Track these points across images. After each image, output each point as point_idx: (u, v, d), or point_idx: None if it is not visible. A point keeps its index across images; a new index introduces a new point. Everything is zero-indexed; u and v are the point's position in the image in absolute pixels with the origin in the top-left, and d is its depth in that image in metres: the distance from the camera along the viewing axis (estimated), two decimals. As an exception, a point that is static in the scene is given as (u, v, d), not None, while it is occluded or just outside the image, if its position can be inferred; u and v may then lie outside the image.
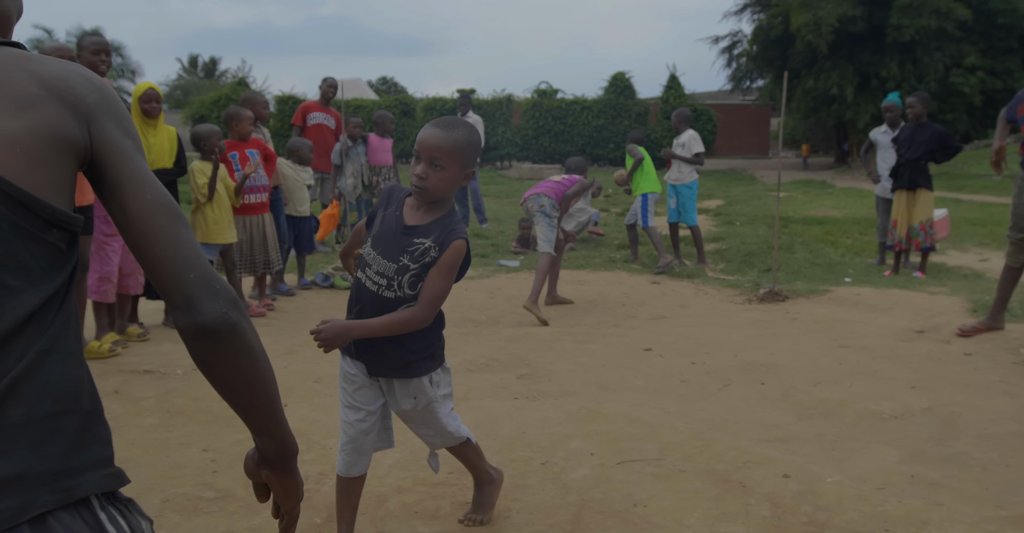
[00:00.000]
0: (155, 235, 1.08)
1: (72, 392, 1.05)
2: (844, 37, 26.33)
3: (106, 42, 5.34)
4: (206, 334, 1.10)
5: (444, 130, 2.46)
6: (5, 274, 0.97)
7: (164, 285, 1.09)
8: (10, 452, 0.96)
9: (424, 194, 2.48)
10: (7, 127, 0.97)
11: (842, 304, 6.47)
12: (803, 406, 4.15)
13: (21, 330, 0.99)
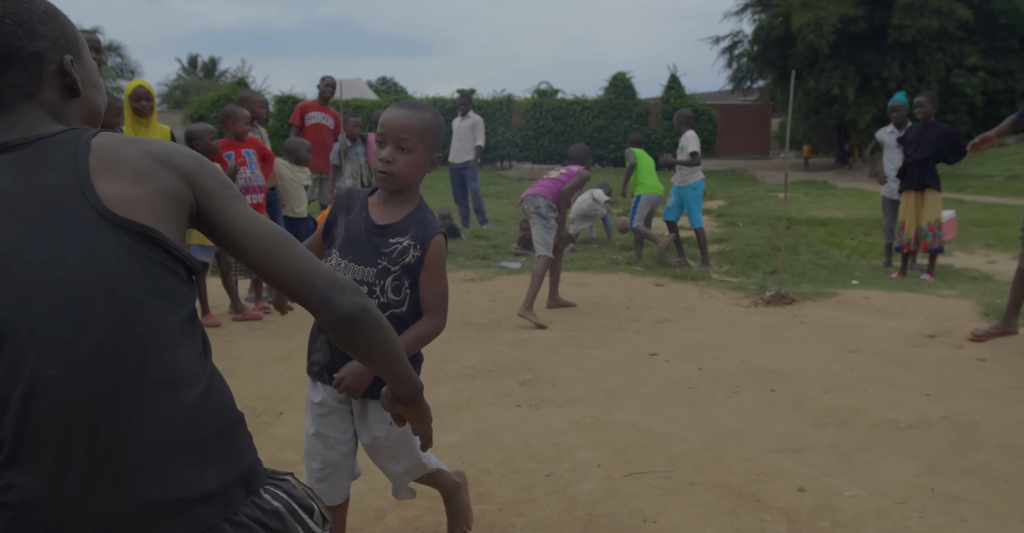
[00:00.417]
0: (276, 262, 1.31)
1: (232, 403, 1.28)
2: (845, 37, 26.23)
3: (97, 39, 5.22)
4: (347, 323, 1.32)
5: (410, 110, 2.28)
6: (154, 298, 1.19)
7: (302, 297, 1.32)
8: (211, 460, 1.19)
9: (391, 180, 2.28)
10: (137, 192, 1.22)
11: (850, 307, 6.34)
12: (815, 414, 4.02)
13: (185, 346, 1.22)
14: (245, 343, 5.43)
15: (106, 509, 1.10)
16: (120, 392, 1.14)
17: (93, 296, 1.15)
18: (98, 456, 1.11)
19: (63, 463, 1.10)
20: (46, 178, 1.19)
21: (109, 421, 1.12)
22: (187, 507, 1.14)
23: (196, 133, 5.85)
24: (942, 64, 25.57)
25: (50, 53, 1.30)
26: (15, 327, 1.12)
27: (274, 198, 6.72)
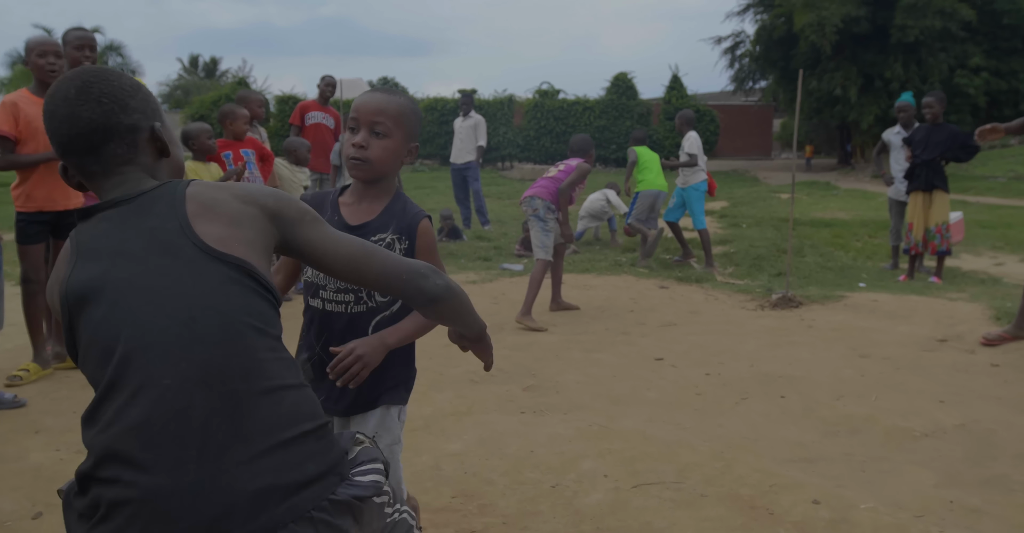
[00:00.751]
0: (363, 270, 1.56)
1: (319, 406, 1.45)
2: (848, 37, 26.12)
3: (91, 37, 5.10)
4: (438, 302, 1.62)
5: (385, 94, 2.17)
6: (252, 318, 1.39)
7: (396, 292, 1.60)
8: (310, 453, 1.36)
9: (364, 167, 2.12)
10: (232, 230, 1.43)
11: (859, 311, 6.23)
12: (827, 422, 3.92)
13: (280, 359, 1.41)
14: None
15: (222, 498, 1.25)
16: (229, 397, 1.31)
17: (203, 317, 1.34)
18: (212, 453, 1.27)
19: (181, 461, 1.26)
20: (151, 224, 1.41)
21: (221, 422, 1.29)
22: (292, 492, 1.31)
23: (192, 133, 5.76)
24: (945, 65, 25.46)
25: (142, 123, 1.51)
26: (135, 346, 1.31)
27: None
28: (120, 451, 1.27)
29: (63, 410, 4.10)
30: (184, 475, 1.25)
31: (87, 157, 1.48)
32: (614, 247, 10.17)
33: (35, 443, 3.67)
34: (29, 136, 4.45)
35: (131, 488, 1.25)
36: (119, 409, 1.28)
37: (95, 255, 1.41)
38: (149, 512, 1.24)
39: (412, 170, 25.24)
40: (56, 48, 4.53)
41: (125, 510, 1.25)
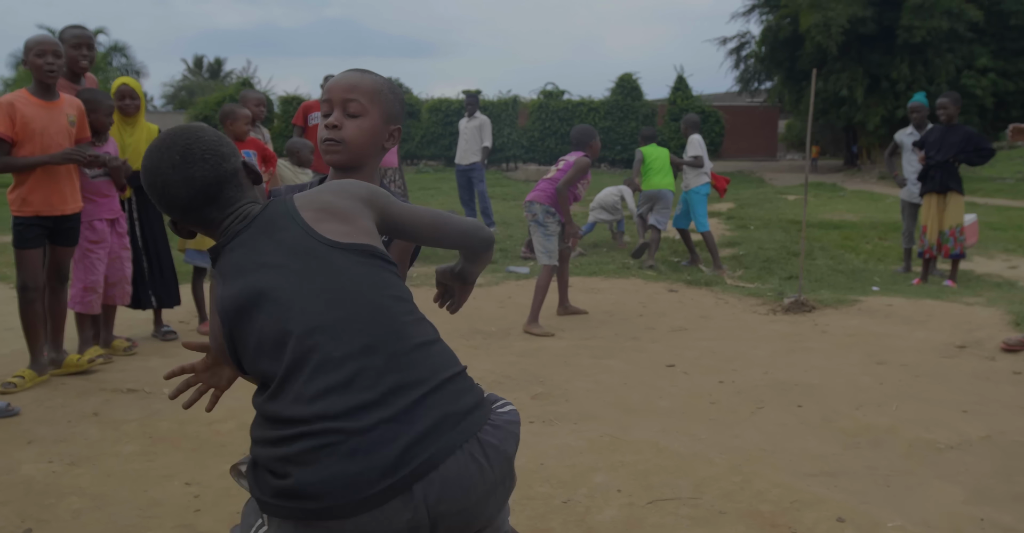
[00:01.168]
0: (445, 232, 1.85)
1: (456, 357, 1.66)
2: (854, 38, 25.96)
3: (88, 35, 4.98)
4: (492, 245, 1.99)
5: (358, 72, 2.02)
6: (390, 290, 1.64)
7: (471, 245, 1.93)
8: (465, 389, 1.60)
9: (339, 149, 1.95)
10: (352, 225, 1.66)
11: (874, 316, 6.09)
12: (847, 433, 3.78)
13: (420, 319, 1.66)
14: (244, 352, 5.21)
15: (408, 430, 1.48)
16: (391, 357, 1.55)
17: (351, 298, 1.58)
18: (392, 400, 1.50)
19: (369, 410, 1.48)
20: (279, 237, 1.63)
21: (392, 377, 1.52)
22: (460, 418, 1.55)
23: None
24: (952, 65, 25.29)
25: (237, 163, 1.72)
26: (304, 331, 1.53)
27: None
28: (321, 412, 1.47)
29: (57, 419, 3.98)
30: (374, 420, 1.48)
31: (207, 209, 1.69)
32: (621, 249, 10.04)
33: (27, 454, 3.54)
34: (26, 138, 4.31)
35: (335, 436, 1.46)
36: (306, 382, 1.49)
37: (240, 273, 1.61)
38: (351, 451, 1.45)
39: (416, 171, 25.13)
40: (55, 47, 4.37)
41: (332, 454, 1.45)
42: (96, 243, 4.87)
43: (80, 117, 4.59)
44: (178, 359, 5.02)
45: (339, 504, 1.43)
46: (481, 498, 1.54)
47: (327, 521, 1.44)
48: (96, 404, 4.19)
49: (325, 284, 1.58)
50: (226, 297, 1.60)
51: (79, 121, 4.58)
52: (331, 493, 1.43)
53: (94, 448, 3.62)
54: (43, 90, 4.39)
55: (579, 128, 6.34)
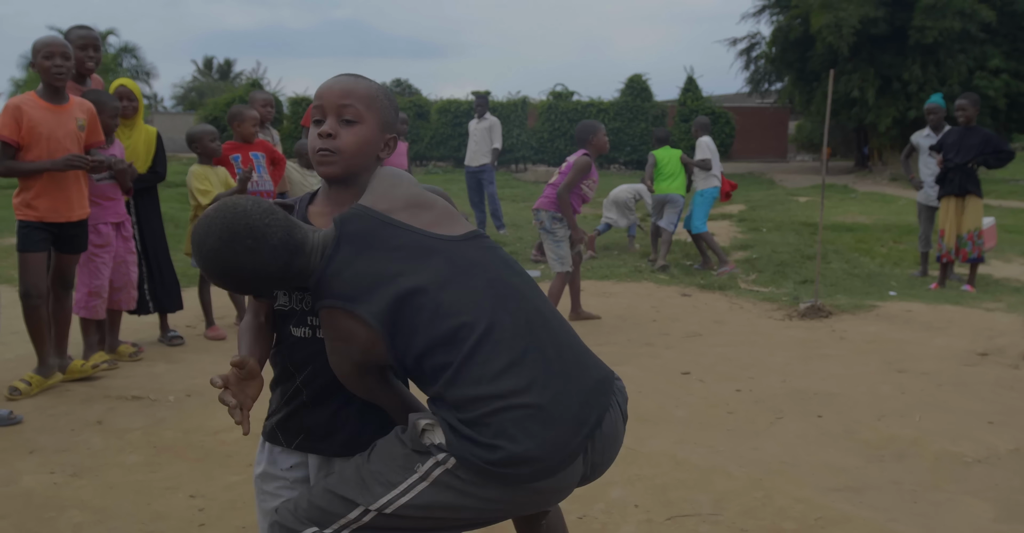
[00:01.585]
0: None
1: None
2: (865, 39, 25.78)
3: (95, 36, 4.91)
4: None
5: (351, 77, 1.87)
6: (520, 269, 1.83)
7: None
8: (598, 360, 1.81)
9: (334, 159, 1.81)
10: (456, 221, 1.81)
11: (892, 321, 5.97)
12: (870, 445, 3.67)
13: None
14: (251, 358, 5.11)
15: (579, 395, 1.66)
16: (548, 332, 1.71)
17: (500, 281, 1.72)
18: (561, 369, 1.67)
19: (548, 379, 1.64)
20: (396, 244, 1.72)
21: (554, 349, 1.69)
22: (607, 382, 1.75)
23: (195, 136, 5.58)
24: (964, 66, 25.09)
25: (285, 215, 1.76)
26: (473, 319, 1.65)
27: (283, 204, 6.40)
28: (509, 388, 1.61)
29: (60, 427, 3.90)
30: (554, 389, 1.63)
31: (296, 261, 1.71)
32: (632, 252, 9.93)
33: (28, 464, 3.46)
34: (32, 142, 4.20)
35: (529, 408, 1.60)
36: (483, 364, 1.61)
37: (374, 288, 1.67)
38: (544, 417, 1.61)
39: (426, 172, 25.06)
40: (63, 49, 4.25)
41: (533, 424, 1.60)
42: (101, 247, 4.78)
43: (91, 120, 4.47)
44: (184, 365, 4.94)
45: (546, 467, 1.61)
46: (616, 450, 1.77)
47: (535, 483, 1.63)
48: (100, 412, 4.10)
49: (475, 274, 1.70)
50: (377, 313, 1.65)
51: (90, 125, 4.45)
52: (539, 458, 1.60)
53: (97, 458, 3.53)
54: (52, 93, 4.28)
55: (581, 124, 6.10)
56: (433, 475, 1.65)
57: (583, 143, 6.02)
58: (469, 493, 1.64)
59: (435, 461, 1.65)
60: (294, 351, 1.89)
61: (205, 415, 4.06)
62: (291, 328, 1.88)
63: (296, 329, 1.87)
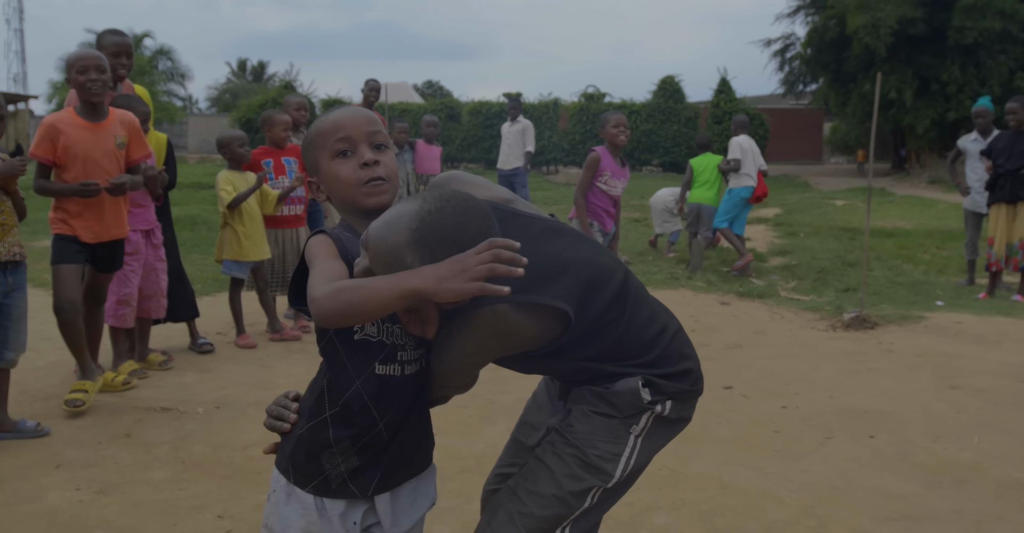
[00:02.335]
0: None
1: None
2: (903, 39, 25.38)
3: (128, 43, 4.83)
4: None
5: (360, 111, 1.79)
6: None
7: None
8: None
9: (385, 188, 1.71)
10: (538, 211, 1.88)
11: (942, 334, 5.76)
12: (927, 469, 3.49)
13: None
14: (281, 368, 5.02)
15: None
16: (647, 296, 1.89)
17: (605, 253, 1.83)
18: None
19: (673, 317, 1.91)
20: (535, 231, 1.75)
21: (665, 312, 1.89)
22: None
23: (224, 141, 5.52)
24: (1005, 67, 24.62)
25: None
26: (622, 280, 1.77)
27: (316, 209, 6.31)
28: (662, 321, 1.84)
29: (87, 440, 3.81)
30: (679, 324, 1.90)
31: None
32: (667, 257, 9.75)
33: (54, 480, 3.37)
34: (68, 162, 4.05)
35: (678, 329, 1.87)
36: (638, 312, 1.79)
37: (551, 272, 1.67)
38: (694, 350, 1.90)
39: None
40: (98, 62, 4.05)
41: (686, 341, 1.88)
42: (130, 255, 4.69)
43: (134, 134, 4.29)
44: (214, 375, 4.86)
45: (702, 385, 1.89)
46: None
47: (696, 398, 1.88)
48: (128, 424, 4.01)
49: (586, 242, 1.80)
50: (569, 297, 1.66)
51: (133, 139, 4.27)
52: (700, 376, 1.87)
53: (124, 474, 3.44)
54: (89, 109, 4.10)
55: (604, 115, 5.72)
56: (648, 427, 1.80)
57: (600, 138, 5.76)
58: (671, 429, 1.87)
59: (650, 413, 1.79)
60: (382, 391, 1.69)
61: (234, 429, 3.96)
62: (376, 365, 1.68)
63: (381, 366, 1.68)
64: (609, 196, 5.58)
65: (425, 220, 1.47)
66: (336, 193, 1.74)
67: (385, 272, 1.48)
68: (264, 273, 5.65)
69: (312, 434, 1.71)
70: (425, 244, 1.46)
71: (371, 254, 1.51)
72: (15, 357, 3.79)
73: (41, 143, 4.02)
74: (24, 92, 44.87)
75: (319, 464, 1.70)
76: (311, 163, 1.78)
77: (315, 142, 1.75)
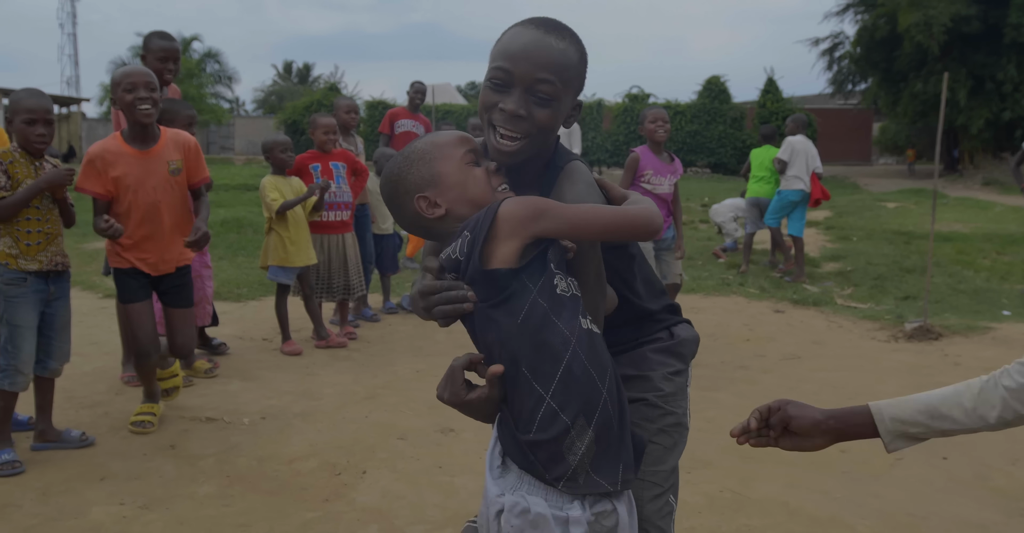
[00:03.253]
0: None
1: None
2: (956, 37, 24.85)
3: (176, 48, 4.77)
4: None
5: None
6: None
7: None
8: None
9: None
10: None
11: (1011, 346, 5.51)
12: (1006, 495, 3.29)
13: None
14: (326, 377, 4.93)
15: None
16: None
17: None
18: None
19: None
20: None
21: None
22: None
23: (267, 146, 5.49)
24: (1064, 65, 23.98)
25: None
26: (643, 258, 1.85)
27: (363, 214, 6.22)
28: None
29: (132, 451, 3.75)
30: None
31: None
32: (720, 262, 9.53)
33: (98, 493, 3.30)
34: (120, 193, 3.72)
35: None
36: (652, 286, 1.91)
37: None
38: None
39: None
40: (146, 79, 3.65)
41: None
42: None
43: (191, 157, 3.91)
44: (260, 383, 4.78)
45: None
46: None
47: None
48: (174, 435, 3.95)
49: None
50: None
51: (190, 163, 3.90)
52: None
53: (168, 488, 3.36)
54: (138, 133, 3.72)
55: (643, 111, 5.56)
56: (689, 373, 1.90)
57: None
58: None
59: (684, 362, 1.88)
60: (594, 350, 1.49)
61: (279, 441, 3.87)
62: (580, 319, 1.49)
63: (584, 319, 1.50)
64: (656, 195, 5.32)
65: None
66: (465, 198, 1.59)
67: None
68: (310, 279, 5.57)
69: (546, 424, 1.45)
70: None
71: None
72: (59, 367, 3.74)
73: (88, 177, 3.69)
74: (77, 95, 45.75)
75: (562, 457, 1.45)
76: (428, 176, 1.60)
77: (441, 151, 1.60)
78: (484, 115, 1.60)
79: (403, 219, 1.66)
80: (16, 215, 3.46)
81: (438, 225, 1.61)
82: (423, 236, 1.70)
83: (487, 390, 1.48)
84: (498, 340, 1.47)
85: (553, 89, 1.55)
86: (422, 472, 3.53)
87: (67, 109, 34.27)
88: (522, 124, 1.56)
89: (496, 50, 1.59)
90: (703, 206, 16.54)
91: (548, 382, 1.44)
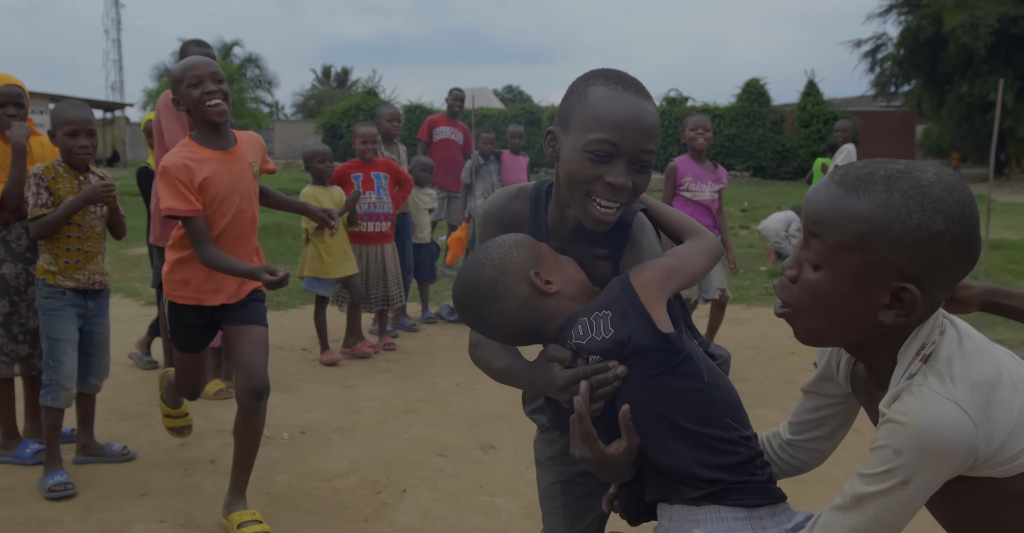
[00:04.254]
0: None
1: None
2: (1003, 38, 24.40)
3: (213, 55, 4.72)
4: None
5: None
6: None
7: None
8: None
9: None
10: None
11: (1069, 362, 5.34)
12: None
13: None
14: (366, 389, 4.90)
15: None
16: None
17: None
18: None
19: None
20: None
21: None
22: None
23: (306, 156, 5.54)
24: (1116, 66, 23.44)
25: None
26: None
27: (404, 223, 6.18)
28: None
29: (173, 466, 3.73)
30: None
31: None
32: (761, 271, 9.38)
33: (139, 510, 3.29)
34: (207, 201, 3.04)
35: None
36: None
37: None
38: None
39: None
40: (212, 70, 3.05)
41: None
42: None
43: (264, 158, 3.39)
44: (299, 395, 4.76)
45: None
46: None
47: None
48: (213, 449, 3.93)
49: None
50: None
51: (263, 165, 3.37)
52: None
53: (209, 505, 3.34)
54: (212, 134, 3.08)
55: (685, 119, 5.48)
56: None
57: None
58: None
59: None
60: (714, 372, 1.53)
61: (319, 457, 3.84)
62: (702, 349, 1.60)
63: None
64: (697, 203, 5.15)
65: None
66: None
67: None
68: (357, 285, 5.52)
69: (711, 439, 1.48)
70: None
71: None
72: (99, 383, 3.73)
73: (174, 194, 2.97)
74: (121, 100, 46.48)
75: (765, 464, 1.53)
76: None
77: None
78: (580, 186, 1.54)
79: (506, 314, 1.55)
80: (57, 232, 3.45)
81: (551, 305, 1.55)
82: (525, 332, 1.58)
83: (626, 441, 1.46)
84: (653, 403, 1.47)
85: (654, 156, 1.55)
86: (462, 491, 3.48)
87: (112, 114, 34.81)
88: (626, 194, 1.53)
89: (589, 117, 1.52)
90: (743, 211, 16.38)
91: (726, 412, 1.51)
